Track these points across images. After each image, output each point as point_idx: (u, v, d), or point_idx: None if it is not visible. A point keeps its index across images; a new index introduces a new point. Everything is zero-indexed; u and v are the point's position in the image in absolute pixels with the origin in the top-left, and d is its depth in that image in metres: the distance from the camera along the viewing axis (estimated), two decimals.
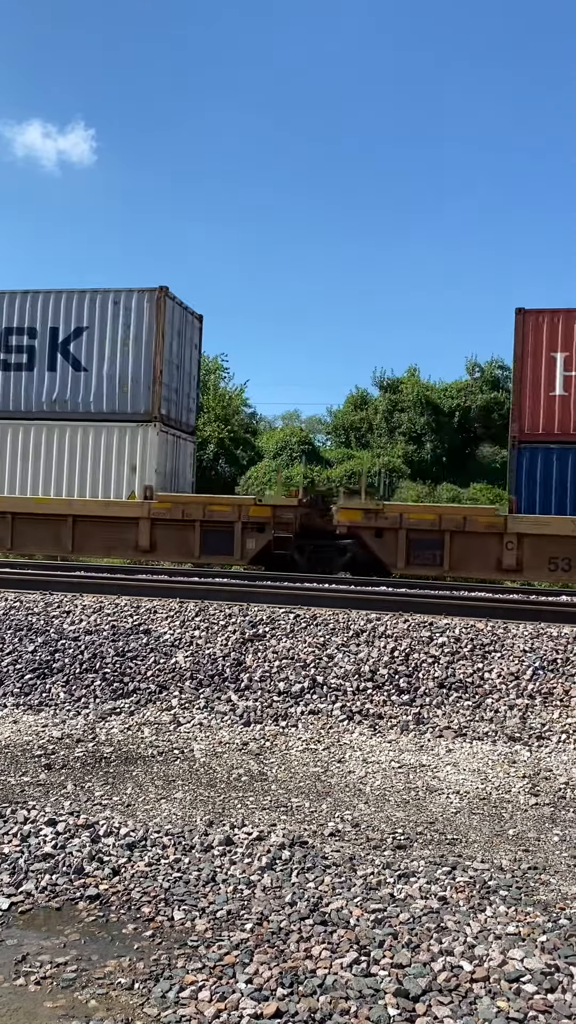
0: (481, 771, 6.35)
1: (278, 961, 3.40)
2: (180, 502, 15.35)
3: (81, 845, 4.54)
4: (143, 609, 9.32)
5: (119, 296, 15.76)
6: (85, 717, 7.44)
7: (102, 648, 8.51)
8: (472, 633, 8.45)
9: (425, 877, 4.24)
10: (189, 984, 3.24)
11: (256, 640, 8.55)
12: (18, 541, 15.84)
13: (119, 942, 3.62)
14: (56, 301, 16.06)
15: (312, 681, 7.86)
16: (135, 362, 15.63)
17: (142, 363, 15.62)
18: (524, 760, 6.61)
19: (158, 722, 7.34)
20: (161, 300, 15.63)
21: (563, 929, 3.67)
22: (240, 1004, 3.10)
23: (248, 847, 4.60)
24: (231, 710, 7.54)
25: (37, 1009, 3.12)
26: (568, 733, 7.01)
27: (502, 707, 7.42)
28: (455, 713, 7.40)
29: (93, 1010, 3.11)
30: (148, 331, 15.65)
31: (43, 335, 16.06)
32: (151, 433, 15.48)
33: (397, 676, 7.87)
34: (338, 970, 3.32)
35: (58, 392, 15.88)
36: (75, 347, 15.89)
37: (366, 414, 31.66)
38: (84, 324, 15.88)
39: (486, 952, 3.43)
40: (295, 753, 6.70)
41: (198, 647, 8.49)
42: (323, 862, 4.41)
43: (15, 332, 16.22)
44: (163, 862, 4.39)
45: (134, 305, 15.71)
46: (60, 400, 15.88)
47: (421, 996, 3.14)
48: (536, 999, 3.11)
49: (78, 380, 15.84)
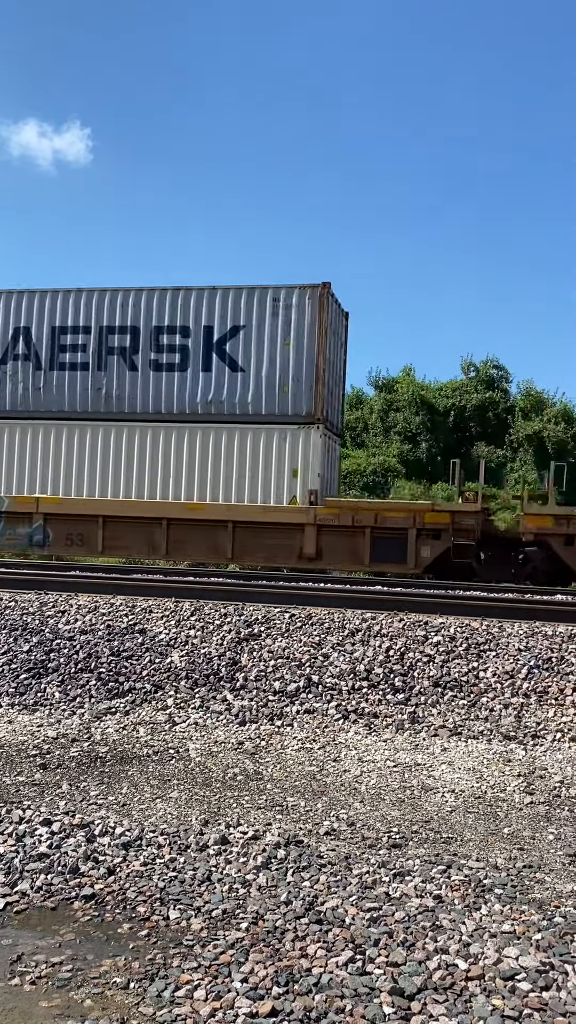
0: (476, 770, 6.36)
1: (273, 960, 3.40)
2: (349, 507, 14.80)
3: (76, 845, 4.53)
4: (138, 609, 9.32)
5: (278, 293, 15.07)
6: (80, 717, 7.44)
7: (97, 648, 8.51)
8: (467, 632, 8.46)
9: (420, 876, 4.24)
10: (185, 983, 3.24)
11: (251, 639, 8.55)
12: (174, 548, 15.21)
13: (114, 942, 3.62)
14: (210, 298, 15.34)
15: (307, 680, 7.86)
16: (296, 361, 14.96)
17: (303, 362, 14.95)
18: (519, 759, 6.63)
19: (153, 722, 7.34)
20: (324, 297, 15.01)
21: (558, 927, 3.68)
22: (236, 1003, 3.10)
23: (244, 846, 4.60)
24: (226, 709, 7.54)
25: (32, 1009, 3.12)
26: (563, 732, 7.03)
27: (497, 706, 7.43)
28: (450, 712, 7.41)
29: (88, 1010, 3.11)
30: (310, 329, 14.99)
31: (197, 334, 15.36)
32: (314, 435, 14.84)
33: (392, 675, 7.87)
34: (333, 969, 3.32)
35: (213, 393, 15.22)
36: (231, 346, 15.23)
37: (361, 414, 31.67)
38: (241, 322, 15.18)
39: (481, 950, 3.44)
40: (290, 752, 6.70)
41: (193, 646, 8.48)
42: (318, 861, 4.41)
43: (166, 331, 15.54)
44: (158, 861, 4.39)
45: (295, 302, 15.05)
46: (216, 401, 15.22)
47: (416, 994, 3.14)
48: (531, 997, 3.12)
49: (235, 380, 15.17)
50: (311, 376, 14.97)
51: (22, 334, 16.07)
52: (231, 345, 15.26)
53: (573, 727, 7.07)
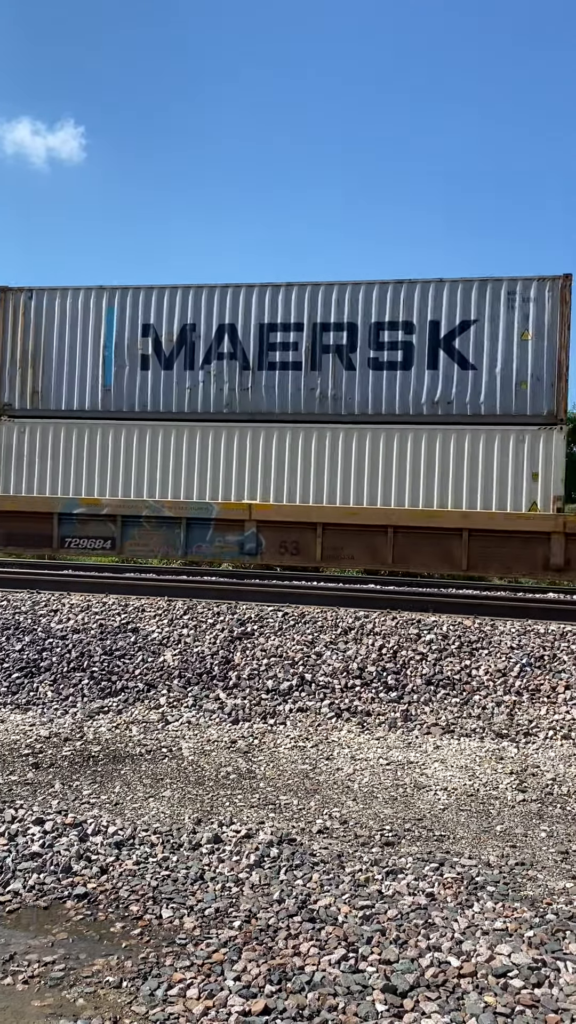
0: (469, 768, 6.37)
1: (266, 958, 3.40)
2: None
3: (69, 844, 4.53)
4: (131, 608, 9.30)
5: (514, 285, 14.17)
6: (73, 716, 7.42)
7: (90, 647, 8.49)
8: (460, 630, 8.48)
9: (413, 873, 4.25)
10: (177, 982, 3.24)
11: (244, 638, 8.54)
12: (399, 558, 14.22)
13: (107, 940, 3.62)
14: (437, 292, 14.40)
15: (300, 679, 7.87)
16: (535, 358, 14.14)
17: (544, 359, 14.14)
18: (511, 756, 6.64)
19: (146, 720, 7.33)
20: (566, 289, 14.12)
21: (550, 924, 3.69)
22: (228, 1001, 3.10)
23: (236, 845, 4.60)
24: (219, 708, 7.54)
25: (25, 1008, 3.12)
26: (555, 729, 7.04)
27: (490, 704, 7.44)
28: (443, 710, 7.42)
29: (81, 1009, 3.11)
30: (551, 324, 14.14)
31: (421, 330, 14.43)
32: (556, 437, 14.00)
33: (385, 673, 7.88)
34: (326, 967, 3.33)
35: (441, 393, 14.37)
36: (460, 342, 14.29)
37: None
38: (471, 317, 14.29)
39: (474, 948, 3.45)
40: (283, 751, 6.70)
41: (186, 645, 8.48)
42: (311, 859, 4.42)
43: (387, 327, 14.58)
44: (151, 860, 4.39)
45: (533, 295, 14.15)
46: (443, 401, 14.39)
47: (409, 992, 3.15)
48: (523, 994, 3.12)
49: (465, 379, 14.21)
50: (552, 374, 14.14)
51: (227, 331, 15.18)
52: (460, 341, 14.38)
53: (565, 725, 7.09)
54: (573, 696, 7.43)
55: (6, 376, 15.71)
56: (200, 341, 15.14)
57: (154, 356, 15.21)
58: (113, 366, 15.37)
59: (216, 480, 15.00)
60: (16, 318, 15.81)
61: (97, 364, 15.42)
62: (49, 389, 15.51)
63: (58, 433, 15.39)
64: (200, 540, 14.75)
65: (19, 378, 15.62)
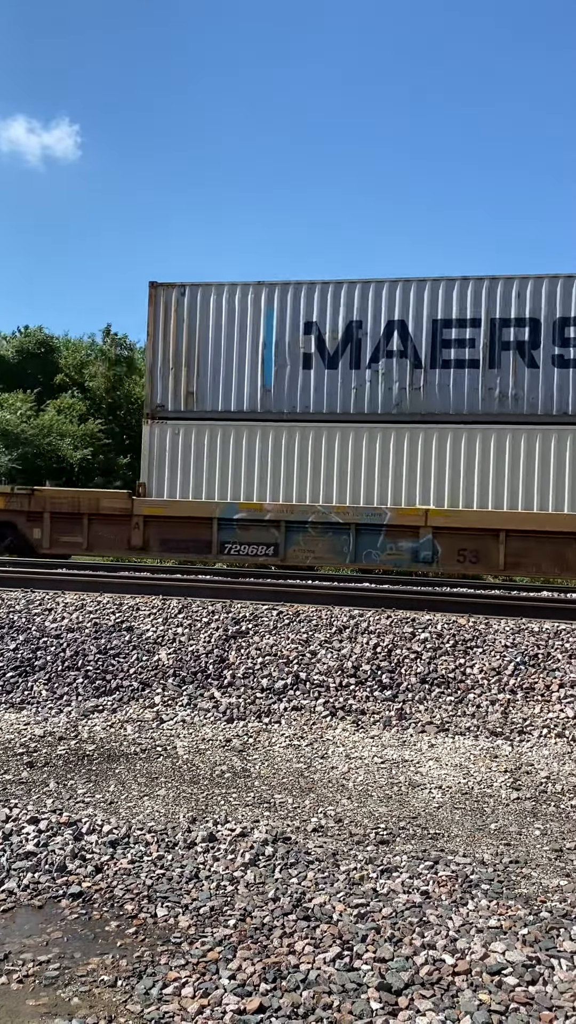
0: (463, 766, 6.39)
1: (261, 957, 3.40)
2: None
3: (64, 843, 4.52)
4: (125, 606, 9.30)
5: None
6: (67, 715, 7.42)
7: (84, 646, 8.48)
8: (454, 629, 8.49)
9: (408, 872, 4.26)
10: (172, 981, 3.24)
11: (239, 637, 8.54)
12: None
13: (102, 939, 3.62)
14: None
15: (295, 677, 7.87)
16: None
17: None
18: (506, 755, 6.66)
19: (141, 719, 7.33)
20: None
21: (544, 922, 3.70)
22: (223, 1000, 3.10)
23: (231, 843, 4.60)
24: (214, 707, 7.54)
25: (19, 1007, 3.11)
26: (549, 728, 7.06)
27: (484, 702, 7.46)
28: (437, 708, 7.43)
29: (76, 1008, 3.11)
30: None
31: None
32: None
33: (380, 672, 7.89)
34: (321, 965, 3.33)
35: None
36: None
37: None
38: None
39: (468, 945, 3.46)
40: (278, 749, 6.70)
41: (181, 644, 8.47)
42: (306, 858, 4.42)
43: (573, 323, 13.90)
44: (146, 859, 4.38)
45: None
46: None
47: (403, 990, 3.15)
48: (518, 991, 3.13)
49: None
50: None
51: (396, 328, 14.39)
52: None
53: (559, 723, 7.11)
54: (567, 694, 7.45)
55: (158, 376, 14.99)
56: (367, 338, 14.38)
57: (317, 355, 14.50)
58: (273, 365, 14.65)
59: (384, 484, 14.23)
60: (168, 316, 15.03)
61: (256, 363, 14.71)
62: (204, 390, 14.77)
63: (214, 435, 14.67)
64: (370, 547, 14.06)
65: (172, 379, 14.90)
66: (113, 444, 31.42)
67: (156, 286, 15.04)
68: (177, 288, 15.04)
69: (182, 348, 14.93)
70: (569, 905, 3.91)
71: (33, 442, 27.12)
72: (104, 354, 35.46)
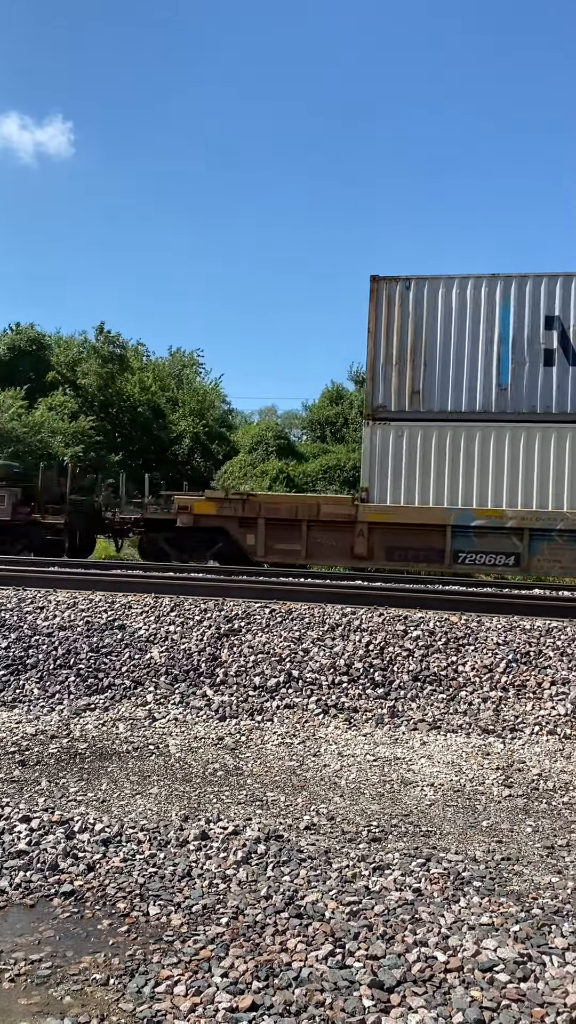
0: (455, 763, 6.40)
1: (253, 955, 3.41)
2: None
3: (56, 841, 4.52)
4: (118, 605, 9.28)
5: None
6: (59, 713, 7.40)
7: (76, 644, 8.46)
8: (446, 627, 8.50)
9: (400, 869, 4.26)
10: (165, 979, 3.24)
11: (231, 635, 8.54)
12: None
13: (94, 938, 3.61)
14: None
15: (288, 675, 7.87)
16: None
17: None
18: (498, 752, 6.67)
19: (133, 718, 7.32)
20: None
21: (536, 919, 3.71)
22: (216, 998, 3.10)
23: (223, 841, 4.60)
24: (206, 705, 7.54)
25: (11, 1006, 3.11)
26: (541, 725, 7.08)
27: (476, 700, 7.47)
28: (429, 706, 7.44)
29: (68, 1006, 3.10)
30: None
31: None
32: None
33: (372, 670, 7.90)
34: (313, 963, 3.33)
35: None
36: None
37: (341, 408, 31.73)
38: None
39: (460, 942, 3.46)
40: (270, 747, 6.70)
41: (173, 642, 8.46)
42: (298, 855, 4.42)
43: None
44: (138, 857, 4.38)
45: None
46: None
47: (396, 987, 3.16)
48: (509, 988, 3.14)
49: None
50: None
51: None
52: None
53: (551, 720, 7.13)
54: (559, 692, 7.47)
55: (379, 375, 14.02)
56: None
57: (560, 351, 13.53)
58: (510, 363, 13.70)
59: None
60: (391, 310, 14.03)
61: (490, 361, 13.75)
62: (432, 389, 13.81)
63: (443, 437, 13.70)
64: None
65: (395, 377, 13.95)
66: (104, 441, 31.37)
67: (378, 280, 14.18)
68: (402, 282, 14.11)
69: (407, 345, 13.96)
70: (560, 902, 3.93)
71: (24, 440, 27.02)
72: (97, 351, 35.41)
